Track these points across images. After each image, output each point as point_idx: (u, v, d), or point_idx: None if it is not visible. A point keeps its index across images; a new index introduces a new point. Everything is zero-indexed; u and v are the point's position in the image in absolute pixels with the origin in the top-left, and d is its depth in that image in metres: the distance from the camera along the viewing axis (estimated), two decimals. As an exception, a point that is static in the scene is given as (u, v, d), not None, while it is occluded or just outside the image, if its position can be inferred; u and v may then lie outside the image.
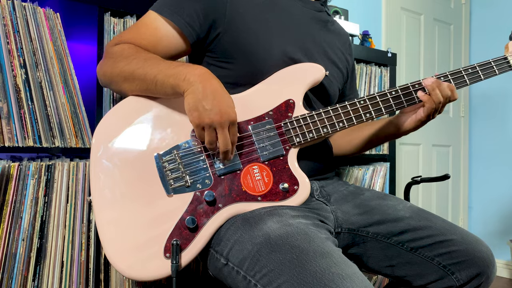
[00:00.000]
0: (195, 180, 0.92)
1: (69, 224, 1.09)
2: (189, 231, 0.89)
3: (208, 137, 0.86)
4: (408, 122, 1.06)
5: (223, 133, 0.85)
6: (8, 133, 1.01)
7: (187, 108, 0.85)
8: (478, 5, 3.15)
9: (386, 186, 1.91)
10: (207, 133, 0.86)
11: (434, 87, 1.00)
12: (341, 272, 0.74)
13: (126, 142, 0.93)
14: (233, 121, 0.86)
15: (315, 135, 0.97)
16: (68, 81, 1.12)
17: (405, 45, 2.74)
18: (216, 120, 0.84)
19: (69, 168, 1.09)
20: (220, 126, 0.85)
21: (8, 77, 1.02)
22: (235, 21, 1.00)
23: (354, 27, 1.88)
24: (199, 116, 0.84)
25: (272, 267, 0.78)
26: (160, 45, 0.99)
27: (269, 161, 0.95)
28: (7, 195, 1.00)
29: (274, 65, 1.01)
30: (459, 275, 0.99)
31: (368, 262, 1.06)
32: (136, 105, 0.96)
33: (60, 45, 1.12)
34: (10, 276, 1.01)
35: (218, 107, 0.84)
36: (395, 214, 1.04)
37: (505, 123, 2.97)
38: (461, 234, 1.02)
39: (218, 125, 0.85)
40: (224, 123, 0.85)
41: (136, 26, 1.02)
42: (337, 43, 1.18)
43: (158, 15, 0.99)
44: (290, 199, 0.93)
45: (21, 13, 1.06)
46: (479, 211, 3.12)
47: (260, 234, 0.83)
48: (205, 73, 0.87)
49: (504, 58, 1.08)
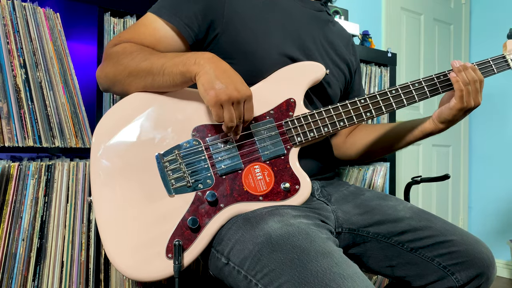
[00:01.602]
0: (196, 180, 0.92)
1: (69, 224, 1.09)
2: (191, 232, 0.89)
3: (228, 114, 0.86)
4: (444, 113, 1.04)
5: (239, 108, 0.87)
6: (8, 133, 1.00)
7: (202, 89, 0.85)
8: (478, 5, 3.15)
9: (386, 186, 1.91)
10: (226, 110, 0.86)
11: (461, 69, 1.01)
12: (342, 272, 0.74)
13: (127, 141, 0.92)
14: (250, 96, 0.88)
15: (316, 134, 0.97)
16: (68, 81, 1.12)
17: (405, 45, 2.75)
18: (234, 96, 0.85)
19: (69, 168, 1.09)
20: (237, 101, 0.86)
21: (8, 77, 1.02)
22: (233, 21, 1.00)
23: (354, 27, 1.88)
24: (216, 94, 0.84)
25: (273, 266, 0.78)
26: (159, 46, 0.99)
27: (270, 160, 0.95)
28: (7, 195, 1.00)
29: (273, 64, 1.01)
30: (459, 275, 0.99)
31: (368, 262, 1.06)
32: (136, 104, 0.95)
33: (60, 45, 1.12)
34: (10, 276, 1.01)
35: (233, 84, 0.85)
36: (395, 215, 1.04)
37: (505, 123, 2.97)
38: (461, 235, 1.02)
39: (235, 100, 0.85)
40: (242, 98, 0.86)
41: (135, 27, 1.01)
42: (338, 43, 1.18)
43: (156, 17, 0.99)
44: (291, 198, 0.93)
45: (21, 13, 1.06)
46: (479, 211, 3.12)
47: (261, 234, 0.83)
48: (213, 56, 0.88)
49: (502, 57, 1.08)
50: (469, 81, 1.00)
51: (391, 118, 1.93)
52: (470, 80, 1.00)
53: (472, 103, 1.01)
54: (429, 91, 1.03)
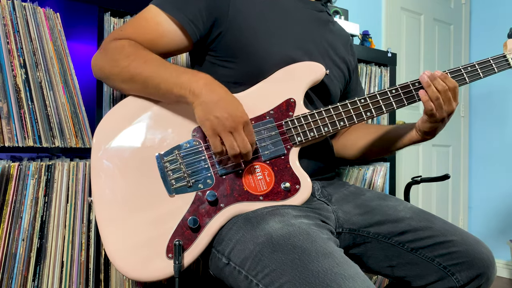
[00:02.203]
0: (196, 180, 0.91)
1: (69, 224, 1.09)
2: (191, 231, 0.89)
3: (228, 143, 0.86)
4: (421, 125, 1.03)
5: (240, 136, 0.86)
6: (8, 133, 1.00)
7: (199, 120, 0.87)
8: (478, 5, 3.15)
9: (386, 186, 1.91)
10: (225, 139, 0.86)
11: (430, 84, 0.98)
12: (343, 272, 0.74)
13: (127, 142, 0.93)
14: (246, 121, 0.88)
15: (316, 134, 0.97)
16: (68, 81, 1.12)
17: (405, 45, 2.74)
18: (229, 125, 0.85)
19: (69, 168, 1.09)
20: (235, 129, 0.86)
21: (8, 77, 1.02)
22: (237, 20, 1.00)
23: (354, 27, 1.88)
24: (211, 126, 0.85)
25: (274, 267, 0.78)
26: (161, 42, 0.98)
27: (271, 160, 0.95)
28: (7, 195, 1.00)
29: (274, 64, 1.01)
30: (459, 276, 0.99)
31: (368, 262, 1.06)
32: (136, 105, 0.95)
33: (60, 45, 1.12)
34: (10, 276, 1.00)
35: (228, 113, 0.85)
36: (395, 215, 1.04)
37: (505, 123, 2.97)
38: (462, 235, 1.01)
39: (233, 129, 0.85)
40: (238, 126, 0.86)
41: (137, 20, 0.99)
42: (338, 44, 1.18)
43: (159, 10, 0.97)
44: (291, 198, 0.93)
45: (21, 13, 1.06)
46: (479, 211, 3.12)
47: (262, 234, 0.83)
48: (208, 82, 0.88)
49: (503, 56, 1.08)
50: (440, 92, 0.97)
51: (391, 118, 1.93)
52: (441, 91, 0.97)
53: (444, 114, 0.99)
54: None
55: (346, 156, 1.24)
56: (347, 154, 1.24)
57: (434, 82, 0.98)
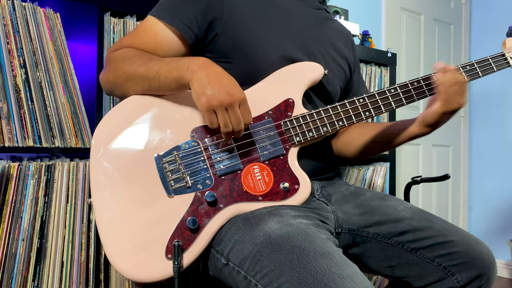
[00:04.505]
0: (195, 181, 0.92)
1: (69, 224, 1.09)
2: (190, 232, 0.89)
3: (222, 119, 0.86)
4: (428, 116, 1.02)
5: (234, 112, 0.86)
6: (8, 133, 1.01)
7: (195, 95, 0.86)
8: (478, 5, 3.15)
9: (386, 186, 1.91)
10: (219, 115, 0.86)
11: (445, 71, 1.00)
12: (341, 272, 0.74)
13: (126, 143, 0.93)
14: (243, 99, 0.87)
15: (315, 134, 0.97)
16: (68, 81, 1.12)
17: (405, 45, 2.74)
18: (226, 100, 0.84)
19: (69, 168, 1.09)
20: (231, 105, 0.85)
21: (8, 77, 1.02)
22: (233, 21, 1.00)
23: (354, 27, 1.88)
24: (207, 100, 0.84)
25: (272, 267, 0.78)
26: (160, 50, 0.99)
27: (270, 160, 0.95)
28: (7, 195, 1.00)
29: (272, 64, 1.01)
30: (459, 276, 0.99)
31: (368, 263, 1.06)
32: (135, 106, 0.95)
33: (60, 45, 1.12)
34: (10, 276, 1.01)
35: (225, 89, 0.85)
36: (395, 215, 1.04)
37: (505, 123, 2.97)
38: (462, 236, 1.01)
39: (228, 105, 0.85)
40: (234, 102, 0.85)
41: (136, 32, 1.02)
42: (338, 41, 1.18)
43: (157, 20, 0.99)
44: (291, 198, 0.93)
45: (21, 13, 1.06)
46: (479, 211, 3.12)
47: (261, 234, 0.83)
48: (206, 61, 0.89)
49: (502, 55, 1.08)
50: (453, 83, 0.98)
51: (391, 118, 1.93)
52: (454, 82, 0.98)
53: (455, 105, 0.99)
54: (427, 89, 1.03)
55: (345, 155, 1.24)
56: (346, 153, 1.24)
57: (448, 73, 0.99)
